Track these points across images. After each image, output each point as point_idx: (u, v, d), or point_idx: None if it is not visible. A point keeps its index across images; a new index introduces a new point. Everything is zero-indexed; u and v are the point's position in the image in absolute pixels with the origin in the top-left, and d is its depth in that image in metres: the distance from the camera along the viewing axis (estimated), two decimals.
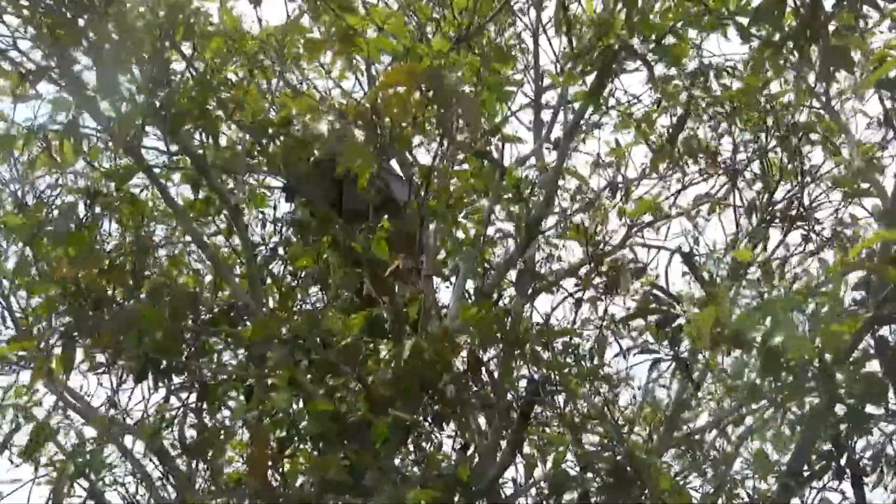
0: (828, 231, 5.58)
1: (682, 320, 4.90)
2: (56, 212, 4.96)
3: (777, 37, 4.79)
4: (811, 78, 4.85)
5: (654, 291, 5.06)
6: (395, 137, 4.87)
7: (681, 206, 5.85)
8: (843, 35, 4.67)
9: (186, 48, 4.91)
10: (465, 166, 5.49)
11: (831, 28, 4.65)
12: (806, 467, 4.51)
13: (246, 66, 5.02)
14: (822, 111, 5.33)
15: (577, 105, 5.58)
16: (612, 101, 5.77)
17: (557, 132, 5.97)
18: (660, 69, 5.39)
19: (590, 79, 5.50)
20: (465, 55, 5.15)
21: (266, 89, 5.33)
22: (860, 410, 4.17)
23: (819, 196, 5.66)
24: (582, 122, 5.68)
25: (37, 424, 4.57)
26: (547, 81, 6.12)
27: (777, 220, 5.57)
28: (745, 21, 4.92)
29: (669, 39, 5.13)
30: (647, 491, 4.89)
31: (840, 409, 4.19)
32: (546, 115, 6.06)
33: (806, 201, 5.59)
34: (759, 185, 5.65)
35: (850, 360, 4.10)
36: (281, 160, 5.25)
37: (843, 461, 4.40)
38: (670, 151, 5.61)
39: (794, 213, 5.50)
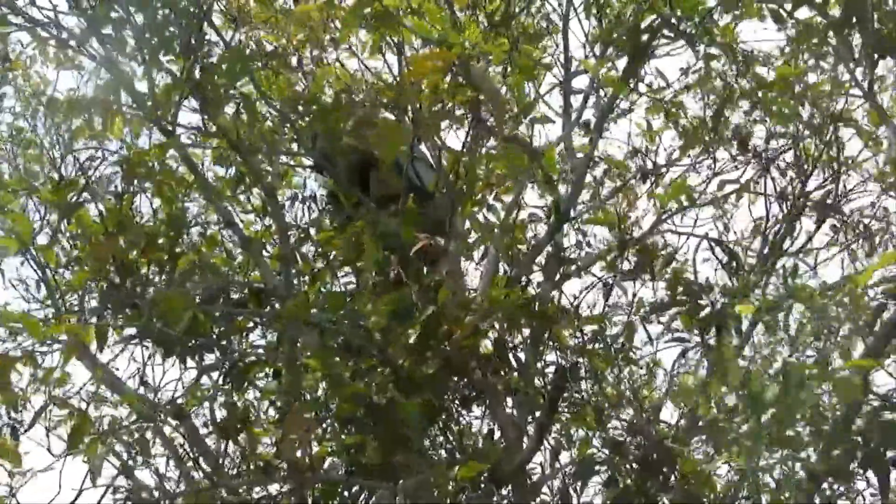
0: (860, 222, 5.54)
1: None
2: (94, 185, 4.95)
3: (820, 22, 4.76)
4: (851, 65, 4.82)
5: (683, 280, 5.06)
6: (423, 122, 4.85)
7: (710, 193, 5.80)
8: (888, 22, 4.63)
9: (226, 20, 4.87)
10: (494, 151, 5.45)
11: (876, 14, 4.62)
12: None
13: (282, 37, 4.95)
14: (862, 99, 5.28)
15: (607, 89, 5.55)
16: (642, 86, 5.72)
17: (587, 116, 5.93)
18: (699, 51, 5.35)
19: (621, 63, 5.50)
20: (496, 39, 5.10)
21: (297, 66, 5.28)
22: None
23: (855, 187, 5.63)
24: (613, 105, 5.63)
25: (78, 417, 4.53)
26: (576, 65, 6.06)
27: (809, 210, 5.54)
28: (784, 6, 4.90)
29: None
30: (673, 476, 4.91)
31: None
32: (576, 101, 6.01)
33: (841, 191, 5.55)
34: (791, 174, 5.61)
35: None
36: (310, 135, 5.22)
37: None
38: (701, 137, 5.57)
39: (827, 202, 5.46)
